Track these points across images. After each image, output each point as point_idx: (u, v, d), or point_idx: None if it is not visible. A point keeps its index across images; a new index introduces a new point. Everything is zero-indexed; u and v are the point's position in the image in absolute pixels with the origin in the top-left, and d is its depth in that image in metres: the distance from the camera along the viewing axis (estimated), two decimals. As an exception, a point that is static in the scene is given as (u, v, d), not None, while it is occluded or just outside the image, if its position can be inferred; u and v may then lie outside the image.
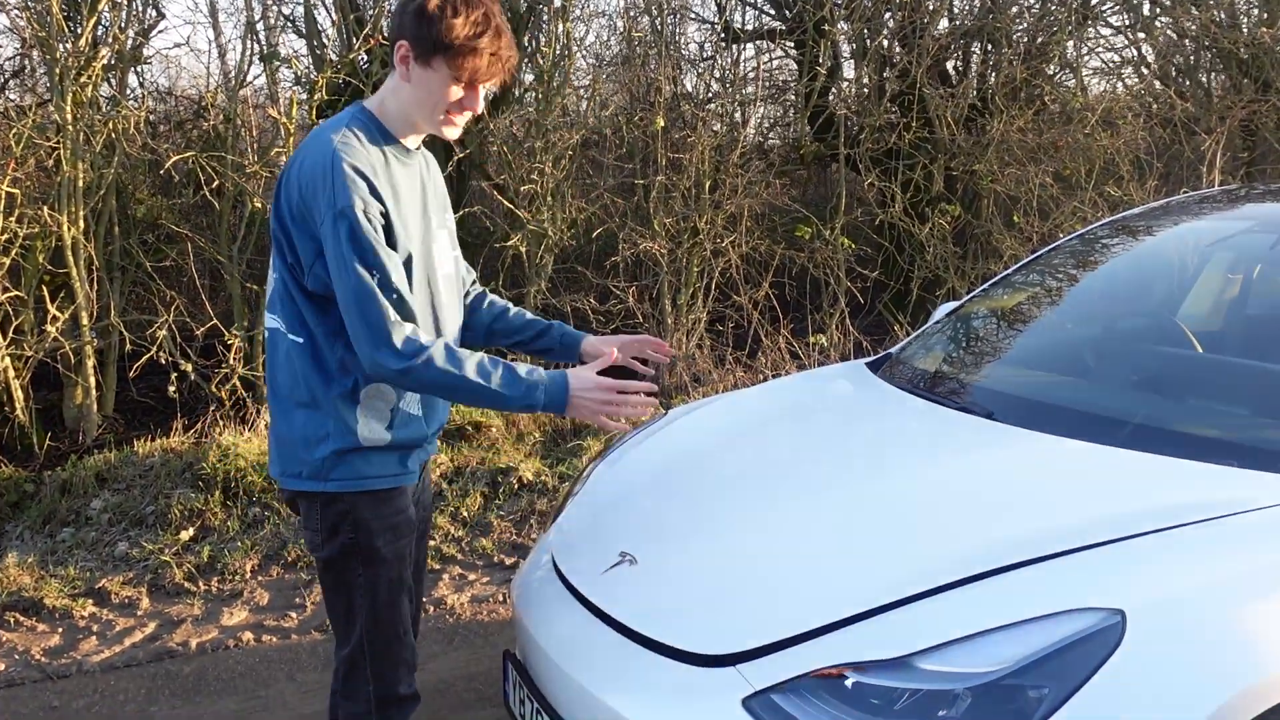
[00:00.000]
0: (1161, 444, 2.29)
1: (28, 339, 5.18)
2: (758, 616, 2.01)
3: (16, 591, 3.97)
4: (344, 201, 2.01)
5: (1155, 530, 1.93)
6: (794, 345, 6.55)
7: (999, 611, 1.82)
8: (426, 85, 2.12)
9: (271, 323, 2.21)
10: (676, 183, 6.23)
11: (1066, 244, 3.83)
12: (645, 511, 2.60)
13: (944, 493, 2.24)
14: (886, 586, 1.94)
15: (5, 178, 4.88)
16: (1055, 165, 7.23)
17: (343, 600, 2.22)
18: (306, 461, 2.15)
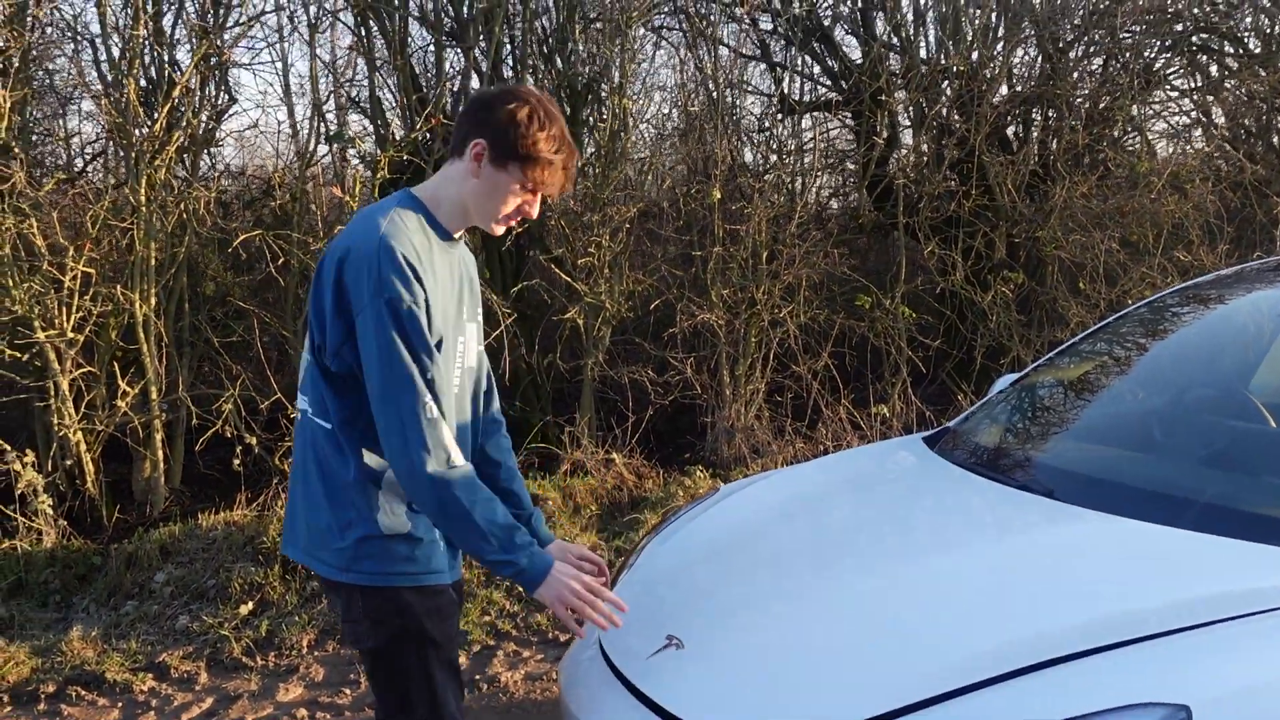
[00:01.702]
0: (1230, 525, 2.20)
1: (99, 413, 5.30)
2: (804, 706, 1.95)
3: (80, 665, 4.02)
4: (390, 292, 2.00)
5: (1224, 619, 1.84)
6: (855, 415, 6.46)
7: (1058, 705, 1.74)
8: (495, 186, 2.15)
9: (302, 404, 2.22)
10: (734, 254, 6.23)
11: (1133, 312, 3.74)
12: (694, 591, 2.56)
13: (1002, 577, 2.17)
14: (940, 676, 1.88)
15: (82, 258, 5.05)
16: (1121, 231, 7.10)
17: (397, 694, 2.18)
18: (339, 550, 2.13)
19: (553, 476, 5.76)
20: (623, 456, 5.91)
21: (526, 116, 2.12)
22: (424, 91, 6.33)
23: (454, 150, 2.20)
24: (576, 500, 5.48)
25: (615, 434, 6.09)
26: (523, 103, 2.13)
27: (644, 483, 5.76)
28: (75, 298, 5.07)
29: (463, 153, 2.16)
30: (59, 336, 5.08)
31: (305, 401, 2.20)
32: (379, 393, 2.04)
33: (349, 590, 2.15)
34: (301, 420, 2.22)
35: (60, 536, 5.03)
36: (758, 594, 2.41)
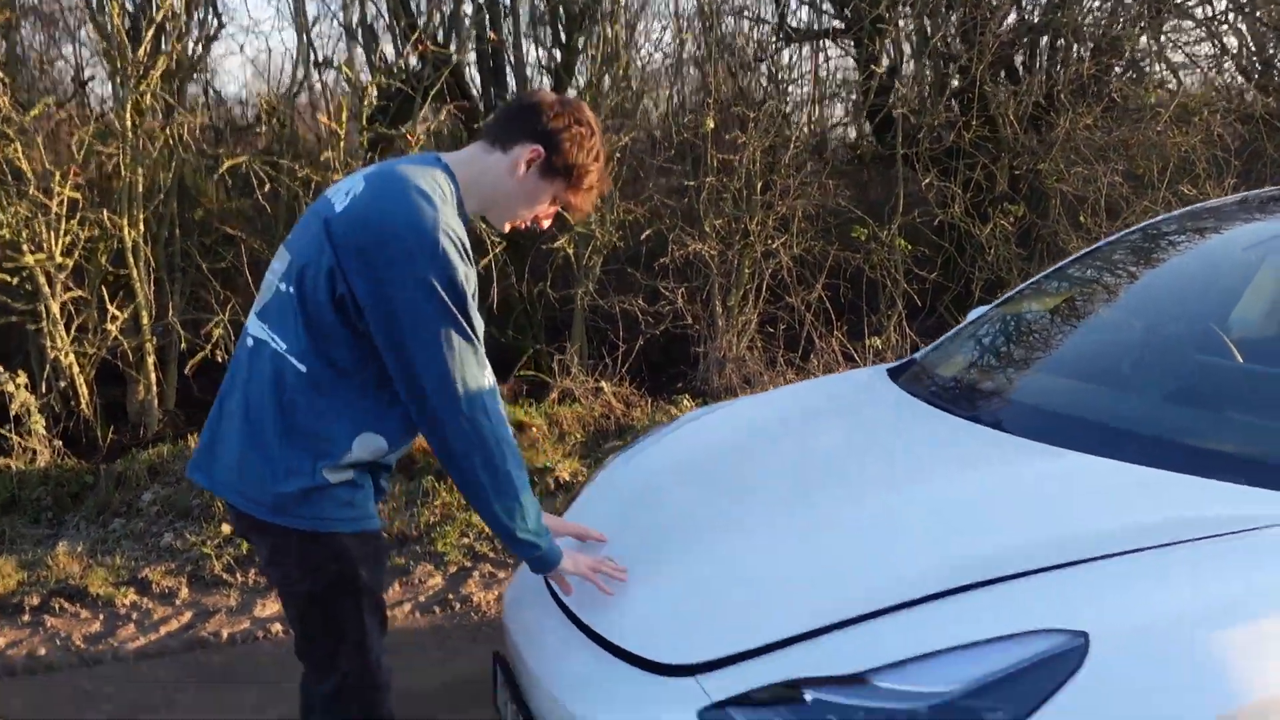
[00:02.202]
0: (1171, 459, 2.18)
1: (90, 337, 5.36)
2: (723, 627, 1.98)
3: (65, 579, 4.12)
4: (453, 272, 2.00)
5: (1136, 550, 1.84)
6: (848, 347, 6.45)
7: (961, 631, 1.76)
8: (533, 195, 2.20)
9: (260, 333, 2.13)
10: (727, 184, 6.18)
11: (1120, 241, 3.69)
12: (634, 518, 2.58)
13: (927, 507, 2.17)
14: (851, 602, 1.89)
15: (68, 183, 5.07)
16: (1126, 164, 6.99)
17: (328, 636, 2.18)
18: (278, 494, 2.06)
19: (541, 404, 5.80)
20: (611, 385, 5.94)
21: (590, 144, 2.19)
22: (414, 17, 6.25)
23: (496, 140, 2.18)
24: (563, 427, 5.52)
25: (606, 363, 6.11)
26: (590, 132, 2.20)
27: (632, 411, 5.79)
28: (63, 222, 5.10)
29: (508, 149, 2.16)
30: (48, 260, 5.12)
31: (267, 331, 2.11)
32: (438, 373, 2.02)
33: (282, 533, 2.10)
34: (258, 350, 2.12)
35: (55, 456, 5.12)
36: (690, 523, 2.43)
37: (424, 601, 4.05)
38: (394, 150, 6.04)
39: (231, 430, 2.14)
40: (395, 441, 2.17)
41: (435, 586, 4.17)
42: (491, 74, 6.58)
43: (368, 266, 2.01)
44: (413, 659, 3.63)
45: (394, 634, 3.77)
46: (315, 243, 2.07)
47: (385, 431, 2.14)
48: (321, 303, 2.05)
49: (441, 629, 3.85)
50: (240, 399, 2.14)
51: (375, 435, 2.12)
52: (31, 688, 3.47)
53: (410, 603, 4.03)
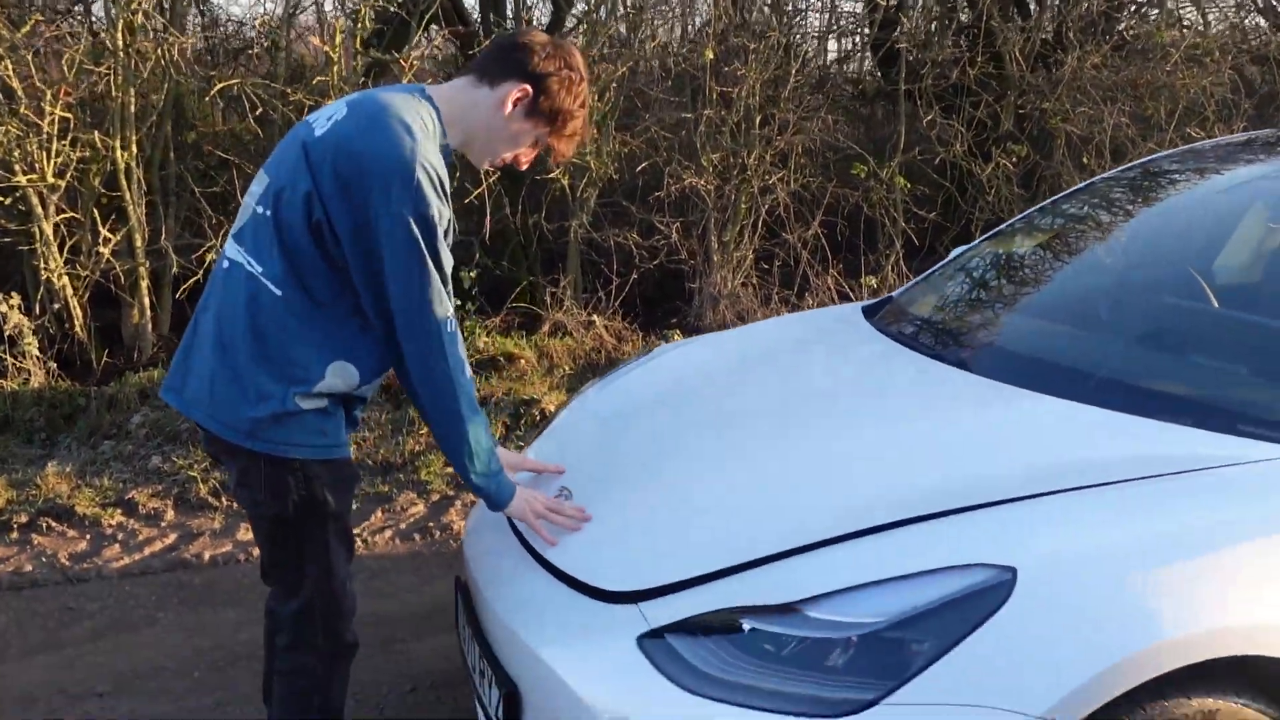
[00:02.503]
0: (1126, 401, 2.18)
1: (84, 260, 5.37)
2: (667, 557, 2.01)
3: (53, 499, 4.19)
4: (425, 208, 2.01)
5: (1073, 488, 1.86)
6: (844, 285, 6.43)
7: (893, 564, 1.78)
8: (516, 134, 2.22)
9: (236, 255, 2.12)
10: (726, 117, 6.11)
11: (1106, 181, 3.65)
12: (595, 449, 2.60)
13: (875, 445, 2.19)
14: (789, 534, 1.91)
15: (59, 102, 5.04)
16: (1133, 104, 6.87)
17: (292, 558, 2.21)
18: (249, 417, 2.07)
19: (533, 336, 5.81)
20: (604, 319, 5.94)
21: (577, 88, 2.20)
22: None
23: (488, 77, 2.18)
24: (553, 359, 5.54)
25: (599, 296, 6.10)
26: (579, 77, 2.21)
27: (623, 345, 5.80)
28: (54, 142, 5.08)
29: (495, 86, 2.16)
30: (40, 181, 5.11)
31: (243, 254, 2.11)
32: (406, 303, 2.05)
33: (251, 456, 2.11)
34: (233, 271, 2.12)
35: (49, 378, 5.17)
36: (648, 454, 2.45)
37: (405, 529, 4.10)
38: (389, 76, 5.99)
39: (204, 353, 2.15)
40: (368, 371, 2.18)
41: (417, 514, 4.22)
42: (490, 0, 6.49)
43: (345, 194, 2.02)
44: (390, 584, 3.70)
45: (373, 560, 3.86)
46: (293, 166, 2.07)
47: (358, 361, 2.16)
48: (297, 227, 2.05)
49: (420, 555, 3.91)
50: (213, 321, 2.14)
51: (348, 364, 2.14)
52: (17, 603, 3.55)
53: (391, 529, 4.09)
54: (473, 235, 5.99)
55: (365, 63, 5.71)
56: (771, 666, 1.76)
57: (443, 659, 3.08)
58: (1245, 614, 1.71)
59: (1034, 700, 1.60)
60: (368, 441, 4.67)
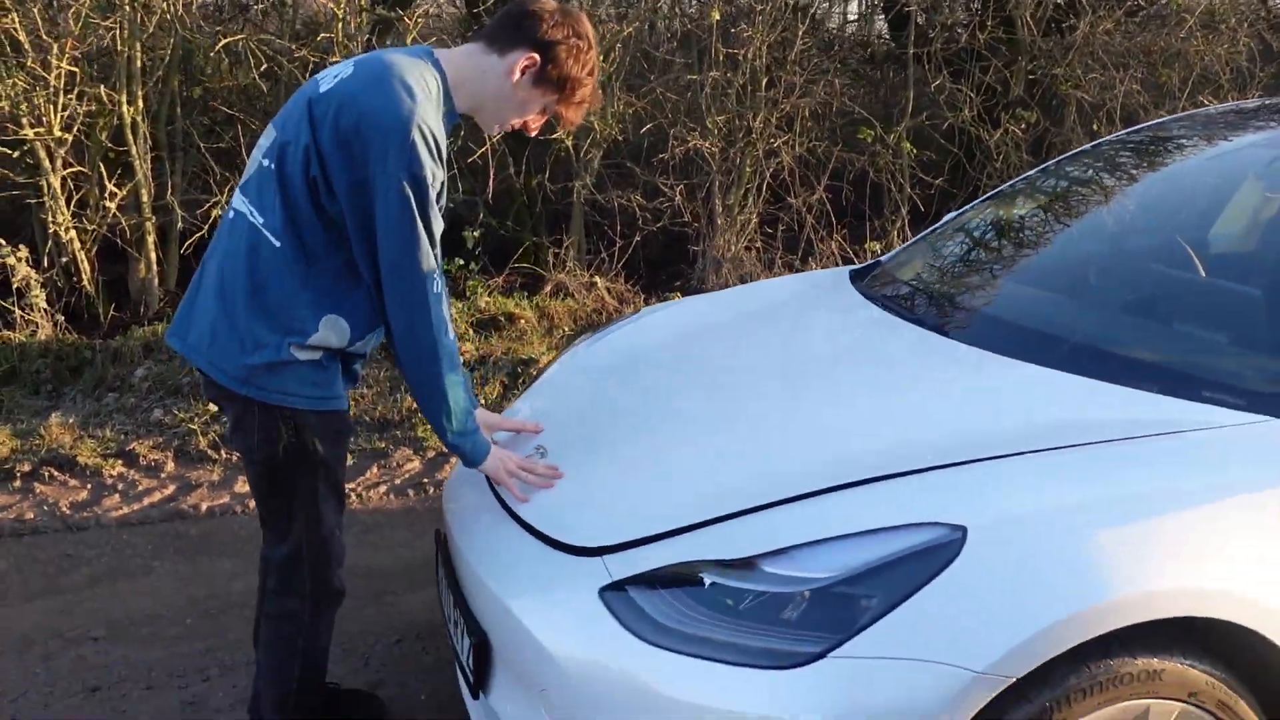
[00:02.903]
0: (1094, 366, 2.20)
1: (91, 214, 5.42)
2: (634, 514, 2.05)
3: (56, 449, 4.26)
4: (419, 169, 2.04)
5: (1030, 451, 1.88)
6: (848, 250, 6.42)
7: (847, 522, 1.81)
8: (524, 100, 2.23)
9: (241, 205, 2.19)
10: (731, 79, 6.08)
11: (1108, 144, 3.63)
12: (576, 406, 2.64)
13: (842, 408, 2.22)
14: (752, 493, 1.95)
15: (65, 55, 5.07)
16: (1146, 71, 6.80)
17: (283, 504, 2.27)
18: (245, 364, 2.14)
19: (535, 297, 5.84)
20: (606, 280, 5.96)
21: (586, 56, 2.21)
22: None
23: (494, 43, 2.21)
24: (553, 320, 5.57)
25: (603, 258, 6.12)
26: (588, 45, 2.22)
27: (625, 307, 5.83)
28: (61, 96, 5.12)
29: (505, 54, 2.19)
30: (47, 134, 5.15)
31: (247, 205, 2.17)
32: (393, 259, 2.08)
33: (246, 402, 2.18)
34: (237, 222, 2.18)
35: (56, 330, 5.24)
36: (623, 414, 2.48)
37: (399, 484, 4.16)
38: (394, 33, 5.99)
39: (206, 300, 2.22)
40: (360, 327, 2.22)
41: (412, 470, 4.27)
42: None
43: (343, 150, 2.06)
44: (382, 538, 3.76)
45: (367, 514, 3.92)
46: (298, 121, 2.12)
47: (350, 316, 2.20)
48: (296, 180, 2.11)
49: (413, 511, 3.97)
50: (216, 270, 2.22)
51: (340, 319, 2.18)
52: (18, 549, 3.63)
53: (386, 485, 4.15)
54: (477, 195, 6.02)
55: (371, 20, 5.71)
56: (728, 619, 1.80)
57: (430, 611, 3.13)
58: (1194, 576, 1.73)
59: (977, 655, 1.63)
60: (365, 398, 4.72)
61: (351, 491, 4.05)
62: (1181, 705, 1.77)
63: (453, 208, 6.17)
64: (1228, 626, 1.74)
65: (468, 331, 5.34)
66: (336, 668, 2.94)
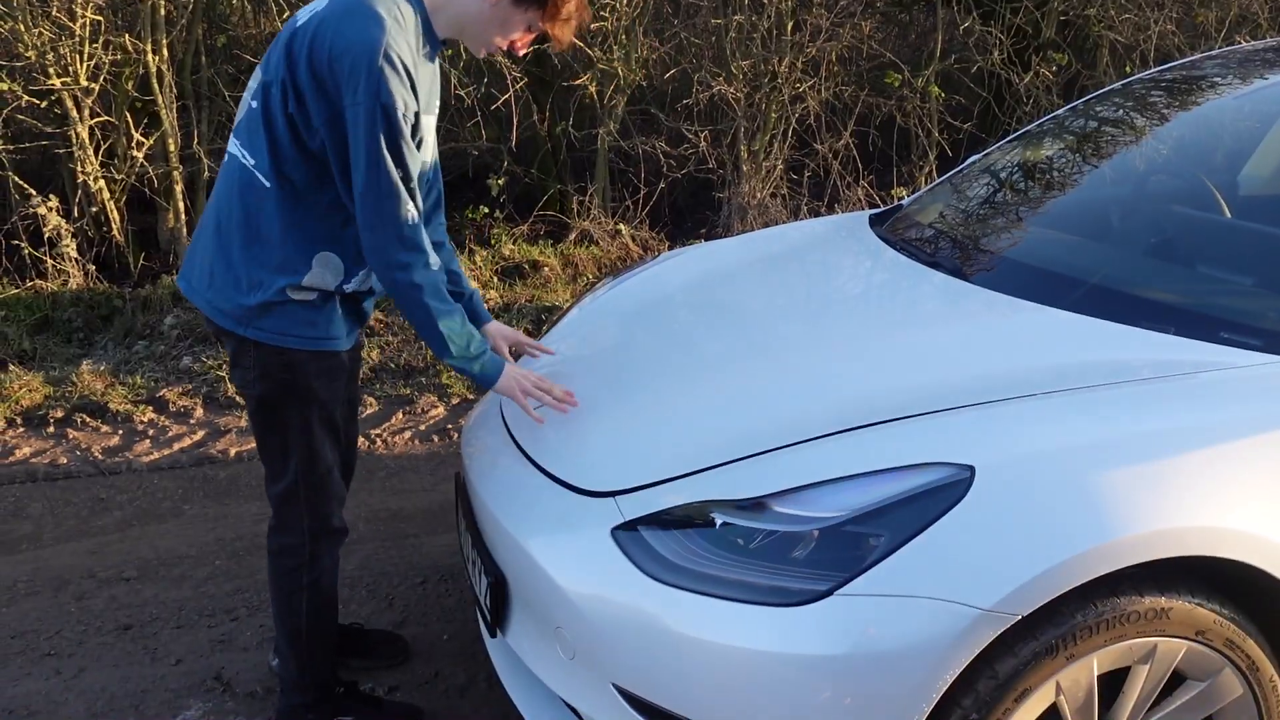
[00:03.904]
0: (1112, 309, 2.19)
1: (119, 163, 5.47)
2: (647, 458, 2.06)
3: (88, 395, 4.34)
4: (387, 98, 2.02)
5: (1038, 393, 1.88)
6: (874, 197, 6.37)
7: (857, 462, 1.82)
8: (504, 20, 2.20)
9: (235, 149, 2.21)
10: (756, 23, 6.00)
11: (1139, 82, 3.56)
12: (594, 350, 2.65)
13: (858, 351, 2.22)
14: (766, 436, 1.96)
15: (89, 4, 5.08)
16: (1181, 11, 6.64)
17: (277, 439, 2.29)
18: (241, 305, 2.17)
19: (560, 244, 5.84)
20: (631, 228, 5.95)
21: None
22: None
23: None
24: (578, 268, 5.58)
25: (627, 205, 6.10)
26: None
27: (649, 254, 5.82)
28: (86, 45, 5.14)
29: None
30: (74, 84, 5.18)
31: (239, 148, 2.19)
32: (363, 191, 2.08)
33: (242, 340, 2.21)
34: (230, 164, 2.21)
35: (87, 279, 5.31)
36: (642, 358, 2.49)
37: (424, 430, 4.21)
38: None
39: (204, 241, 2.26)
40: (353, 262, 2.23)
41: (437, 416, 4.32)
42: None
43: (317, 84, 2.06)
44: (406, 483, 3.81)
45: (392, 459, 3.97)
46: (279, 60, 2.13)
47: (343, 252, 2.21)
48: (279, 119, 2.11)
49: (437, 455, 4.02)
50: (213, 213, 2.25)
51: (331, 255, 2.20)
52: (51, 492, 3.71)
53: (411, 430, 4.19)
54: (501, 142, 6.00)
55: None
56: (738, 558, 1.81)
57: (452, 554, 3.19)
58: (1203, 515, 1.73)
59: (982, 593, 1.64)
60: (391, 345, 4.77)
61: (376, 437, 4.10)
62: (1189, 644, 1.77)
63: (476, 155, 6.17)
64: (1236, 566, 1.74)
65: (492, 279, 5.36)
66: (361, 608, 3.00)
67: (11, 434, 4.12)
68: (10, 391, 4.31)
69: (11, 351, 4.75)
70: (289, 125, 2.11)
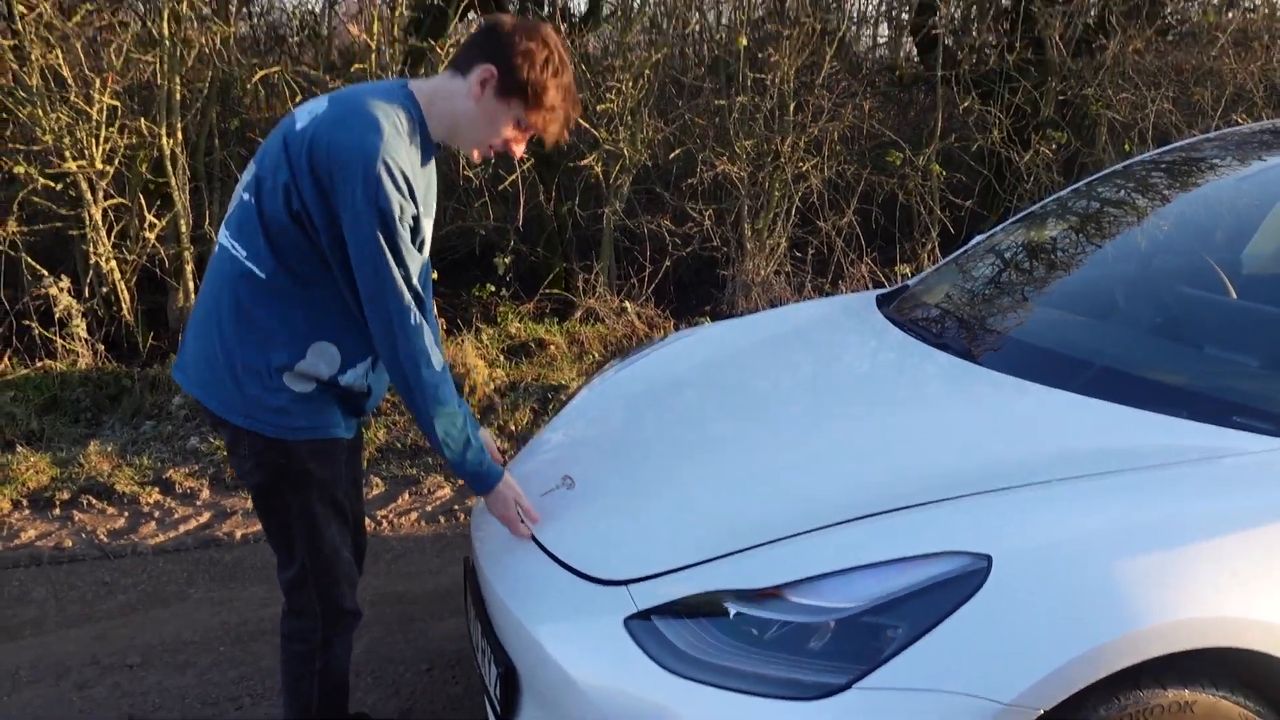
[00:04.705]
0: (1122, 392, 2.19)
1: (131, 244, 5.52)
2: (659, 544, 2.05)
3: (94, 476, 4.33)
4: (384, 202, 2.05)
5: (1055, 479, 1.87)
6: (878, 274, 6.41)
7: (872, 551, 1.81)
8: (492, 116, 2.20)
9: (225, 240, 2.23)
10: (759, 104, 6.10)
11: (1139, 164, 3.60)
12: (601, 434, 2.65)
13: (869, 436, 2.22)
14: (779, 523, 1.95)
15: (107, 90, 5.18)
16: (1178, 90, 6.75)
17: (280, 525, 2.29)
18: (237, 394, 2.17)
19: (565, 322, 5.87)
20: (636, 306, 5.99)
21: (543, 60, 2.16)
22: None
23: (459, 67, 2.20)
24: (583, 346, 5.60)
25: (633, 283, 6.15)
26: (541, 44, 2.17)
27: (655, 332, 5.84)
28: (103, 130, 5.23)
29: (468, 73, 2.18)
30: (89, 167, 5.26)
31: (229, 239, 2.21)
32: (368, 294, 2.11)
33: (237, 430, 2.21)
34: (221, 255, 2.23)
35: (96, 359, 5.33)
36: (652, 443, 2.49)
37: (430, 511, 4.19)
38: (426, 63, 6.06)
39: (198, 331, 2.27)
40: (351, 354, 2.23)
41: (443, 497, 4.30)
42: (529, -13, 6.53)
43: (317, 186, 2.09)
44: (413, 565, 3.78)
45: (398, 541, 3.94)
46: (275, 158, 2.14)
47: (340, 342, 2.22)
48: (278, 215, 2.13)
49: (443, 538, 3.99)
50: (205, 302, 2.26)
51: (329, 344, 2.20)
52: (56, 576, 3.68)
53: (417, 511, 4.17)
54: (508, 221, 6.07)
55: (403, 50, 5.79)
56: (753, 649, 1.79)
57: (459, 639, 3.15)
58: (1227, 606, 1.71)
59: (1003, 687, 1.62)
60: (397, 425, 4.76)
61: (382, 518, 4.08)
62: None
63: (484, 235, 6.23)
64: (1261, 657, 1.71)
65: (499, 357, 5.37)
66: (367, 695, 2.96)
67: (17, 516, 4.10)
68: (17, 473, 4.31)
69: (19, 432, 4.75)
70: (295, 221, 2.12)
